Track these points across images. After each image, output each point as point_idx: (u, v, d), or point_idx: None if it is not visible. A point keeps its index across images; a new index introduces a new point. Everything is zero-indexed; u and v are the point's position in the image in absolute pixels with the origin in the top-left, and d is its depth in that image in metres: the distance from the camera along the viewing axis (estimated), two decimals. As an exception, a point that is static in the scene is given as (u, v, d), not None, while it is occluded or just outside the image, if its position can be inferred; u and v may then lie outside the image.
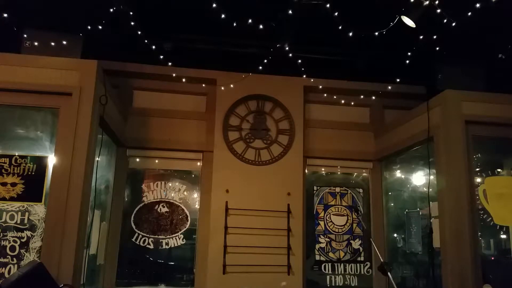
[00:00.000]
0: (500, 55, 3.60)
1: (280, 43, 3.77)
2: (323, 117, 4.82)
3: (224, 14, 3.26)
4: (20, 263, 2.99)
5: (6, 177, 3.07)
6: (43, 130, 3.32)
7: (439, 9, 3.15)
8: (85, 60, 3.31)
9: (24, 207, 3.09)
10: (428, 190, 3.69)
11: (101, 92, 3.35)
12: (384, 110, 4.93)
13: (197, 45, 4.37)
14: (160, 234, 4.35)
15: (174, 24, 4.12)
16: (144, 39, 3.62)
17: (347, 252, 4.63)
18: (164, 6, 3.74)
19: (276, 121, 4.58)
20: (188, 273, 4.39)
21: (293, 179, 4.43)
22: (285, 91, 4.61)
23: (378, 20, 3.37)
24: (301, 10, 3.29)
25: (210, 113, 4.55)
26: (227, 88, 4.44)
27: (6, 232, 3.04)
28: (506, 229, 3.54)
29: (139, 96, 4.59)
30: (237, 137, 4.48)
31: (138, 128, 4.42)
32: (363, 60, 4.52)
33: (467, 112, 3.49)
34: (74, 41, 3.45)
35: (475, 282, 3.14)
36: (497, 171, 3.73)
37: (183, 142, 4.48)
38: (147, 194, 4.45)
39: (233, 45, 4.36)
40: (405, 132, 4.16)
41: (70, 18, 3.46)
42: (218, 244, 4.15)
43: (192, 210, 4.48)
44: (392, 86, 4.45)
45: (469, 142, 3.44)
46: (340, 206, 4.73)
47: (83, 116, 3.13)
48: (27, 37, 3.39)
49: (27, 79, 3.16)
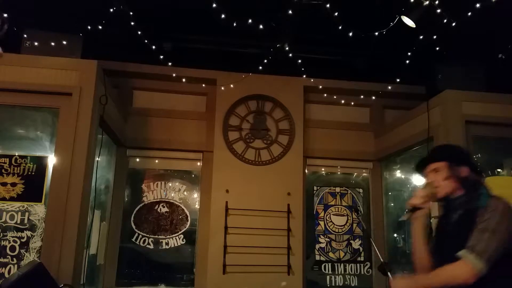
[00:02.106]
0: (500, 55, 3.59)
1: (280, 43, 3.77)
2: (323, 117, 4.82)
3: (224, 14, 3.26)
4: (20, 263, 2.99)
5: (6, 177, 3.07)
6: (43, 130, 3.32)
7: (439, 9, 3.15)
8: (85, 60, 3.31)
9: (24, 207, 3.09)
10: (428, 190, 3.68)
11: (101, 92, 3.35)
12: (384, 110, 4.93)
13: (197, 45, 4.38)
14: (160, 234, 4.35)
15: (174, 24, 4.12)
16: (144, 39, 3.62)
17: (347, 252, 4.63)
18: (164, 6, 3.73)
19: (276, 121, 4.58)
20: (188, 273, 4.39)
21: (293, 179, 4.42)
22: (285, 91, 4.61)
23: (378, 20, 3.37)
24: (301, 10, 3.29)
25: (210, 113, 4.54)
26: (227, 88, 4.44)
27: (6, 232, 3.04)
28: (506, 229, 3.54)
29: (139, 96, 4.59)
30: (237, 137, 4.48)
31: (138, 128, 4.42)
32: (363, 60, 4.52)
33: (467, 112, 3.49)
34: (74, 41, 3.45)
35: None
36: (497, 171, 3.73)
37: (183, 142, 4.48)
38: (147, 194, 4.45)
39: (233, 45, 4.36)
40: (405, 132, 4.16)
41: (70, 18, 3.46)
42: (218, 244, 4.15)
43: (192, 210, 4.48)
44: (392, 86, 4.45)
45: (469, 142, 3.44)
46: (340, 206, 4.73)
47: (83, 116, 3.13)
48: (27, 37, 3.39)
49: (27, 79, 3.15)
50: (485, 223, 1.72)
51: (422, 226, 2.02)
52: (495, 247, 1.67)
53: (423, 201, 1.98)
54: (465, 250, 1.70)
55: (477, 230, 1.72)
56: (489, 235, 1.69)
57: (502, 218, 1.72)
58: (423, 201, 1.98)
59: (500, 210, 1.74)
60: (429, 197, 1.99)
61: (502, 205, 1.77)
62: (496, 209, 1.75)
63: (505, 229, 1.70)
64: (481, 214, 1.76)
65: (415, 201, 1.99)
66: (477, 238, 1.70)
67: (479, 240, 1.69)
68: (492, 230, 1.70)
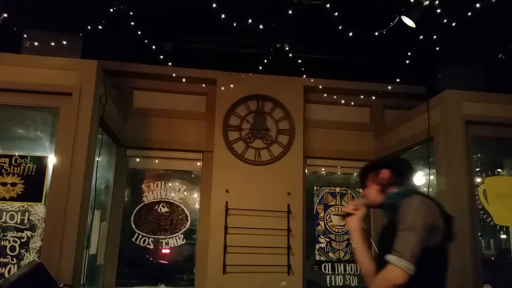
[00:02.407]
0: (500, 55, 3.59)
1: (280, 43, 3.77)
2: (323, 117, 4.82)
3: (224, 14, 3.25)
4: (20, 263, 2.99)
5: (6, 177, 3.07)
6: (43, 130, 3.31)
7: (439, 9, 3.14)
8: (85, 60, 3.31)
9: (24, 207, 3.09)
10: (428, 190, 3.69)
11: (101, 92, 3.35)
12: (384, 110, 4.93)
13: (197, 45, 4.38)
14: (160, 234, 4.35)
15: (174, 24, 4.12)
16: (144, 39, 3.61)
17: (347, 252, 4.63)
18: (164, 6, 3.73)
19: (276, 121, 4.58)
20: (188, 273, 4.39)
21: (293, 179, 4.43)
22: (285, 91, 4.61)
23: (378, 20, 3.37)
24: (301, 10, 3.29)
25: (210, 113, 4.54)
26: (227, 88, 4.44)
27: (6, 232, 3.04)
28: (506, 229, 3.54)
29: (139, 96, 4.59)
30: (237, 137, 4.48)
31: (138, 128, 4.42)
32: (363, 60, 4.52)
33: (467, 112, 3.48)
34: (74, 41, 3.45)
35: (475, 282, 3.14)
36: (497, 171, 3.73)
37: (183, 142, 4.48)
38: (147, 194, 4.45)
39: (233, 45, 4.36)
40: (405, 132, 4.16)
41: (70, 18, 3.45)
42: (218, 244, 4.15)
43: (192, 210, 4.48)
44: (392, 86, 4.45)
45: (469, 142, 3.44)
46: (340, 206, 4.73)
47: (83, 116, 3.13)
48: (27, 37, 3.39)
49: (27, 79, 3.15)
50: (401, 224, 1.76)
51: (361, 237, 2.15)
52: (415, 243, 1.70)
53: (355, 207, 2.15)
54: (390, 255, 1.74)
55: (398, 232, 1.76)
56: (407, 233, 1.72)
57: (416, 214, 1.75)
58: (354, 207, 2.15)
59: (413, 207, 1.77)
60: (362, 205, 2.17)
61: (415, 202, 1.80)
62: (409, 206, 1.78)
63: (421, 224, 1.73)
64: (399, 215, 1.81)
65: (347, 207, 2.19)
66: (397, 240, 1.74)
67: (399, 241, 1.73)
68: (408, 228, 1.73)
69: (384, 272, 1.75)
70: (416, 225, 1.72)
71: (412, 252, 1.69)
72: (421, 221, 1.73)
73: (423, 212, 1.76)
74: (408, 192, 1.92)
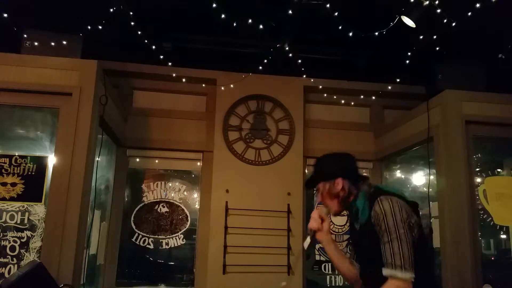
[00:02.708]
0: (500, 55, 3.59)
1: (280, 43, 3.77)
2: (323, 117, 4.82)
3: (224, 14, 3.26)
4: (20, 263, 2.99)
5: (6, 177, 3.07)
6: (43, 130, 3.32)
7: (439, 9, 3.15)
8: (85, 60, 3.31)
9: (24, 207, 3.09)
10: (428, 190, 3.69)
11: (101, 92, 3.34)
12: (384, 110, 4.93)
13: (197, 45, 4.38)
14: (160, 234, 4.35)
15: (174, 24, 4.12)
16: (144, 39, 3.62)
17: (347, 252, 4.61)
18: (164, 6, 3.74)
19: (276, 121, 4.58)
20: (188, 273, 4.39)
21: (293, 179, 4.42)
22: (285, 91, 4.61)
23: (378, 20, 3.37)
24: (301, 10, 3.29)
25: (210, 113, 4.54)
26: (227, 88, 4.44)
27: (6, 232, 3.04)
28: (506, 229, 3.55)
29: (139, 96, 4.59)
30: (237, 137, 4.48)
31: (138, 128, 4.42)
32: (363, 60, 4.52)
33: (467, 112, 3.49)
34: (74, 41, 3.44)
35: (475, 282, 3.14)
36: (497, 171, 3.74)
37: (183, 142, 4.48)
38: (147, 194, 4.45)
39: (233, 45, 4.36)
40: (405, 132, 4.16)
41: (70, 18, 3.45)
42: (218, 244, 4.15)
43: (192, 210, 4.48)
44: (392, 86, 4.45)
45: (469, 142, 3.44)
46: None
47: (83, 116, 3.13)
48: (27, 37, 3.39)
49: (27, 79, 3.15)
50: (386, 234, 1.73)
51: (335, 247, 2.13)
52: (408, 251, 1.69)
53: (320, 221, 2.07)
54: (388, 269, 1.72)
55: (384, 244, 1.74)
56: (396, 244, 1.71)
57: (394, 220, 1.73)
58: (320, 222, 2.07)
59: (388, 213, 1.74)
60: (326, 215, 2.09)
61: (385, 206, 1.77)
62: (385, 213, 1.75)
63: (403, 229, 1.72)
64: (375, 224, 1.78)
65: (313, 225, 2.07)
66: (389, 253, 1.72)
67: (393, 254, 1.71)
68: (394, 238, 1.71)
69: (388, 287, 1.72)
70: (400, 233, 1.71)
71: (409, 260, 1.69)
72: (402, 225, 1.72)
73: (398, 213, 1.74)
74: (371, 195, 1.89)
